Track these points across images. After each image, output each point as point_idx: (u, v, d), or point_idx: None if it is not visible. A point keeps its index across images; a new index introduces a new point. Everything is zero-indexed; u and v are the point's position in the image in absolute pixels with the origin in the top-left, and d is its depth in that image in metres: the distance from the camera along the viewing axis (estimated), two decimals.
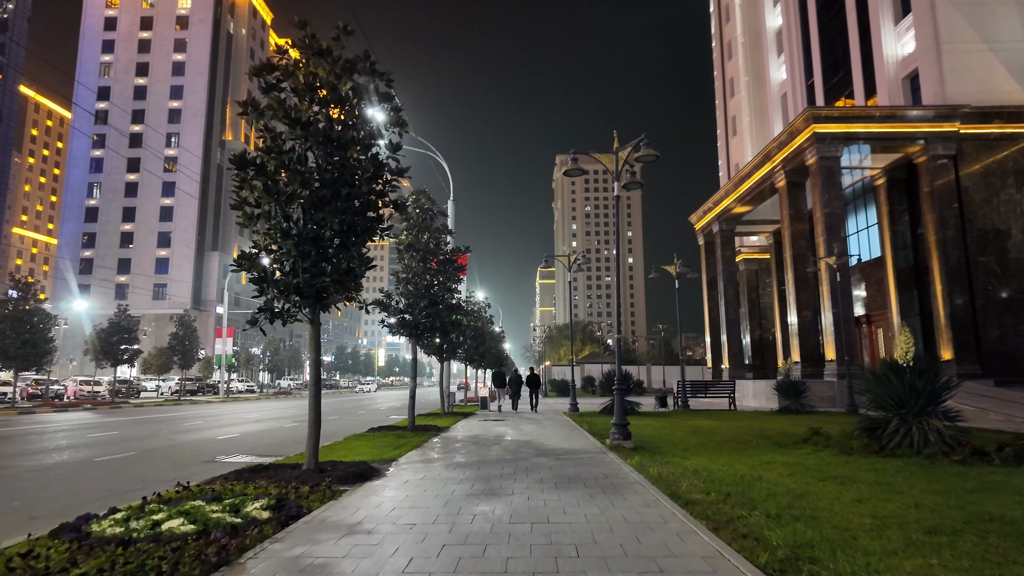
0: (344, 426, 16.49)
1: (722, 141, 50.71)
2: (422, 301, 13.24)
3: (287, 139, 6.89)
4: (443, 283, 13.85)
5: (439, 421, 15.73)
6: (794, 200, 26.33)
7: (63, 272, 72.12)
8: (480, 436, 12.11)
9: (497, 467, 7.67)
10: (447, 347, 19.42)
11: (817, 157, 23.81)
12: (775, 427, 13.30)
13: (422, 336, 13.48)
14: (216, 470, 8.36)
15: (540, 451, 9.40)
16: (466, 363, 26.92)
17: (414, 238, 13.49)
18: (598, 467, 7.59)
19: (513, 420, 16.94)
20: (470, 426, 14.73)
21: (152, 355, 44.57)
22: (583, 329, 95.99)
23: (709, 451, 9.22)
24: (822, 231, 23.60)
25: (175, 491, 5.80)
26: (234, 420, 19.88)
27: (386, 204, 7.57)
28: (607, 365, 53.30)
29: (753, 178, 29.41)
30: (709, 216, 35.71)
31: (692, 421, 15.47)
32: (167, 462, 9.71)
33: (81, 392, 38.80)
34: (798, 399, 18.29)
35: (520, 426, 14.62)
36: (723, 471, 7.15)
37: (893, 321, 25.66)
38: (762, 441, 10.45)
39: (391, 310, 13.20)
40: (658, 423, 14.69)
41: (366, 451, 9.65)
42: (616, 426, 9.60)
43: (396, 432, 12.50)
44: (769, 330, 39.29)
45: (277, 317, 7.18)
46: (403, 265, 13.67)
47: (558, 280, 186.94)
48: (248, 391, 60.08)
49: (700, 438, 11.14)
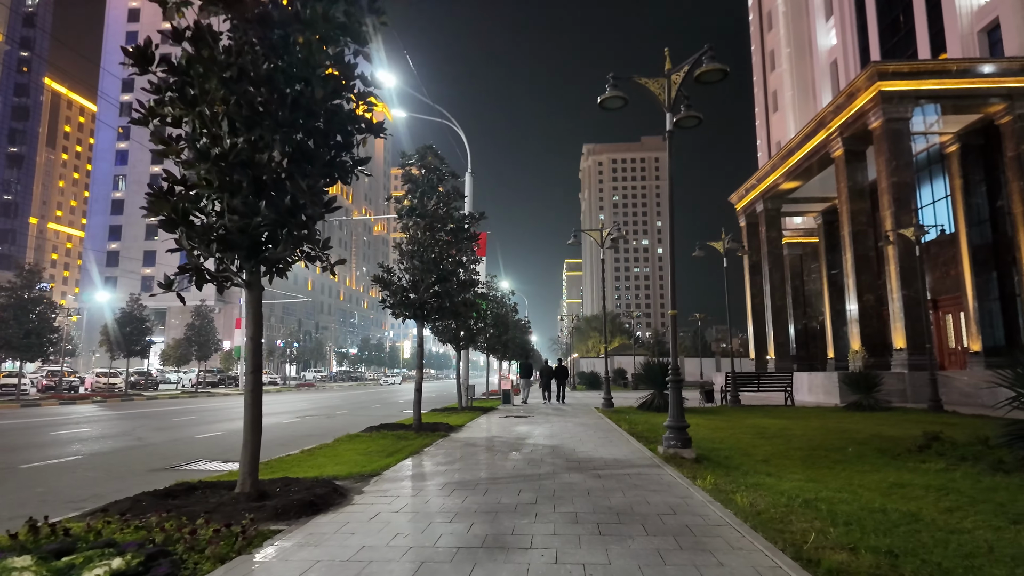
0: (346, 423, 14.52)
1: (761, 119, 47.54)
2: (429, 277, 11.11)
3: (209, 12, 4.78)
4: (455, 256, 11.69)
5: (453, 418, 13.63)
6: (853, 172, 23.47)
7: (88, 264, 72.30)
8: (497, 439, 9.95)
9: (511, 490, 5.48)
10: (465, 334, 17.36)
11: (883, 119, 20.96)
12: (860, 429, 10.84)
13: (429, 318, 11.34)
14: (150, 483, 6.35)
15: (572, 462, 7.20)
16: (488, 353, 24.81)
17: (419, 202, 11.35)
18: (657, 491, 5.34)
19: (538, 417, 14.76)
20: (487, 425, 12.59)
21: (171, 347, 43.59)
22: (612, 321, 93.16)
23: (799, 464, 6.90)
24: (889, 203, 20.77)
25: (7, 536, 3.76)
26: (233, 416, 18.13)
27: (358, 127, 5.40)
28: (639, 357, 50.78)
29: (804, 149, 26.55)
30: (752, 194, 32.85)
31: (751, 419, 13.07)
32: (103, 472, 7.78)
33: (98, 384, 37.83)
34: (870, 393, 15.71)
35: (546, 424, 12.43)
36: (842, 499, 4.85)
37: (969, 306, 22.69)
38: (861, 448, 8.05)
39: (393, 288, 11.10)
40: (712, 422, 12.33)
41: (350, 459, 7.59)
42: (672, 429, 7.32)
43: (398, 432, 10.43)
44: (815, 319, 36.34)
45: (206, 279, 5.12)
46: (407, 235, 11.55)
47: (586, 271, 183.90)
48: (271, 383, 59.13)
49: (774, 443, 8.79)
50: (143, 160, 74.79)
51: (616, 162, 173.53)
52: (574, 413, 16.00)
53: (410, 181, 11.53)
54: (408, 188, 11.50)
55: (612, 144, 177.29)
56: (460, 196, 11.72)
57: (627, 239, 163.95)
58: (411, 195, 11.34)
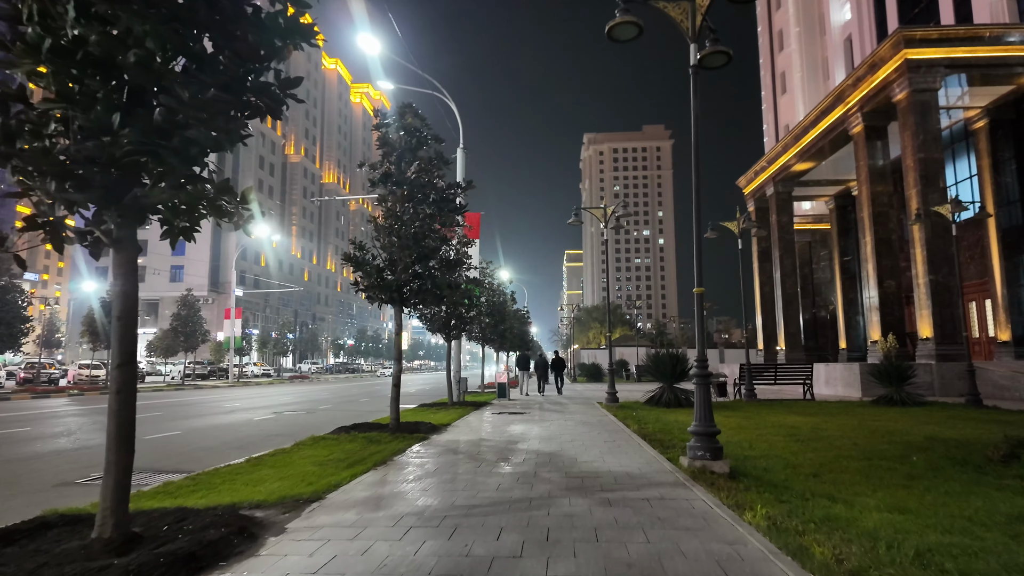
0: (324, 421, 13.06)
1: (768, 103, 45.90)
2: (408, 255, 9.59)
3: None
4: (439, 232, 10.16)
5: (439, 415, 12.17)
6: (873, 149, 21.88)
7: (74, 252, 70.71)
8: (484, 443, 8.47)
9: (490, 528, 3.98)
10: (456, 323, 15.91)
11: (909, 90, 19.37)
12: (906, 429, 9.35)
13: (408, 303, 9.83)
14: (34, 505, 4.89)
15: (573, 478, 5.72)
16: (483, 344, 23.35)
17: (396, 169, 9.82)
18: (692, 531, 3.85)
19: (535, 413, 13.31)
20: (477, 423, 11.12)
21: (158, 338, 42.18)
22: (614, 311, 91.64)
23: (863, 480, 5.42)
24: (915, 181, 19.21)
25: None
26: (205, 411, 16.68)
27: (276, 27, 3.83)
28: (642, 348, 49.31)
29: (819, 127, 24.96)
30: (762, 177, 31.26)
31: (774, 416, 11.59)
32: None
33: (80, 377, 36.41)
34: (901, 387, 14.23)
35: (543, 423, 10.97)
36: (965, 549, 3.37)
37: (997, 292, 21.20)
38: (928, 457, 6.55)
39: (366, 268, 9.58)
40: (732, 420, 10.85)
41: (300, 471, 6.13)
42: (700, 437, 5.82)
43: (370, 434, 8.96)
44: (825, 308, 34.87)
45: (63, 238, 3.61)
46: (384, 208, 10.03)
47: (586, 262, 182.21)
48: (264, 375, 57.74)
49: (815, 449, 7.30)
50: None
51: (617, 151, 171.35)
52: (575, 409, 14.56)
53: (386, 145, 9.99)
54: (383, 152, 9.96)
55: (613, 133, 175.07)
56: (444, 162, 10.17)
57: (628, 228, 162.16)
58: (387, 160, 9.80)
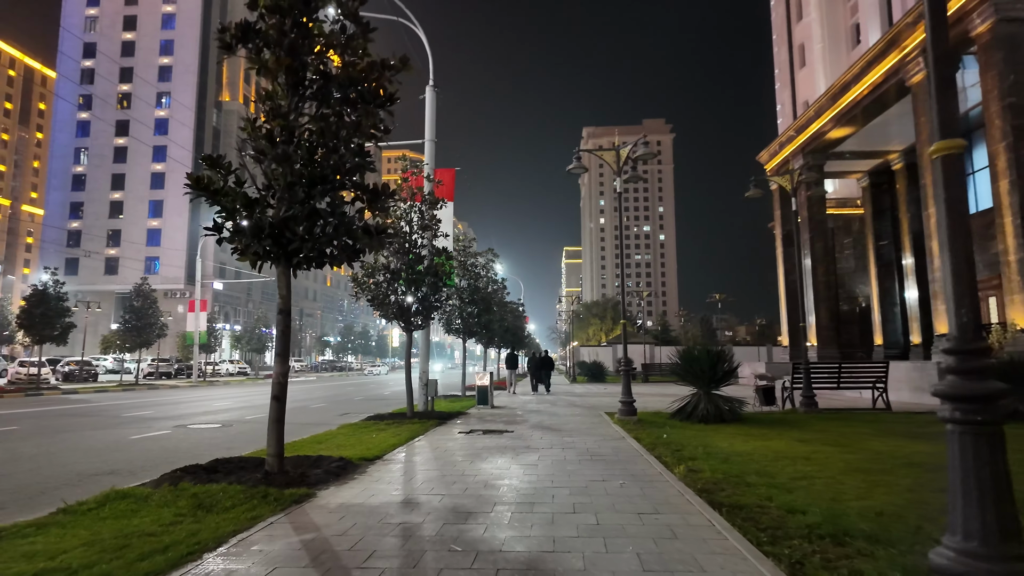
0: (240, 439, 9.08)
1: (783, 80, 41.78)
2: (297, 178, 5.59)
3: None
4: (359, 145, 6.10)
5: (377, 438, 8.18)
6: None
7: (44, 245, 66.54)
8: (402, 525, 4.48)
9: None
10: (418, 308, 11.99)
11: (994, 20, 15.46)
12: None
13: (292, 258, 5.81)
14: None
15: None
16: (463, 337, 19.36)
17: (275, 33, 5.79)
18: None
19: (521, 432, 9.35)
20: (425, 457, 7.14)
21: (112, 333, 38.17)
22: (614, 307, 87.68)
23: None
24: (1002, 133, 15.29)
25: None
26: (139, 418, 12.65)
27: None
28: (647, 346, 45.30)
29: (864, 81, 20.99)
30: (789, 148, 27.29)
31: (868, 443, 7.61)
32: None
33: (19, 376, 32.31)
34: None
35: (529, 455, 7.01)
36: None
37: None
38: None
39: (229, 198, 5.59)
40: (816, 451, 6.86)
41: None
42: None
43: (220, 485, 4.99)
44: (853, 301, 30.95)
45: None
46: (265, 108, 5.99)
47: (585, 258, 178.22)
48: (240, 373, 53.73)
49: None
50: (106, 131, 68.74)
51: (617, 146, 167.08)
52: (576, 425, 10.57)
53: None
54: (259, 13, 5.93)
55: (612, 127, 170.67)
56: (369, 29, 6.12)
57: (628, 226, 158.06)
58: (262, 17, 5.78)
